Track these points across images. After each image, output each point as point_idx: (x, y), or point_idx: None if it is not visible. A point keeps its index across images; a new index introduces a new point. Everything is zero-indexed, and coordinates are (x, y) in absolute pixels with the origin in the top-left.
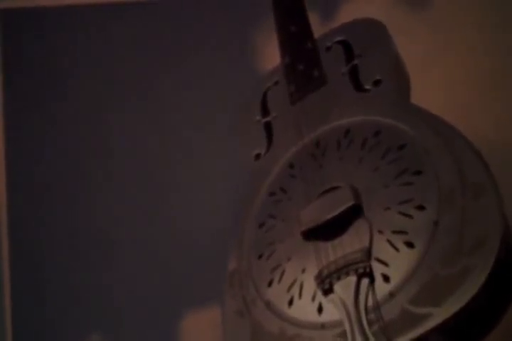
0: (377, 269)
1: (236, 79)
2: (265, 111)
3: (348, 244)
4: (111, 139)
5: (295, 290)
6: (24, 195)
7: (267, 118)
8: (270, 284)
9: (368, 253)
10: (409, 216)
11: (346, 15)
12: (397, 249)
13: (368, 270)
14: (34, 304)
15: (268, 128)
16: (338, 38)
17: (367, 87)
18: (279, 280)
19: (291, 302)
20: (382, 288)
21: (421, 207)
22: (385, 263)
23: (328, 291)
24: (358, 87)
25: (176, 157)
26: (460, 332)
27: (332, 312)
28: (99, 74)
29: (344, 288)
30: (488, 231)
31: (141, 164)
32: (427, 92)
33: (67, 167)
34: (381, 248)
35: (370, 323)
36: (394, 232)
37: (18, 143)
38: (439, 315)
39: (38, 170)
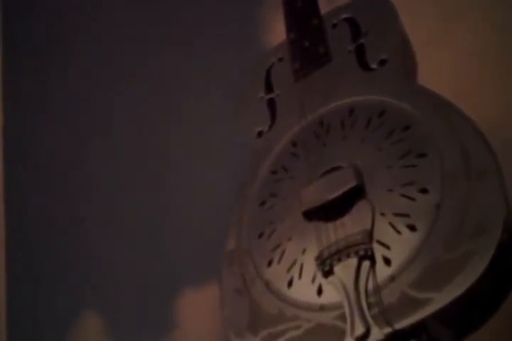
0: (379, 252)
1: (241, 54)
2: (269, 87)
3: (350, 226)
4: (111, 113)
5: (295, 271)
6: (22, 168)
7: (271, 95)
8: (270, 264)
9: (370, 235)
10: (412, 198)
11: None
12: (398, 232)
13: (369, 252)
14: (29, 279)
15: (271, 105)
16: (345, 15)
17: (373, 66)
18: (279, 261)
19: (290, 283)
20: (382, 271)
21: (424, 190)
22: (387, 246)
23: (328, 273)
24: (364, 65)
25: (176, 133)
26: (460, 318)
27: (332, 295)
28: (100, 46)
29: (344, 270)
30: (491, 215)
31: (140, 141)
32: (434, 73)
33: (67, 139)
34: (383, 230)
35: (369, 306)
36: (396, 215)
37: (16, 116)
38: (439, 300)
39: (37, 143)
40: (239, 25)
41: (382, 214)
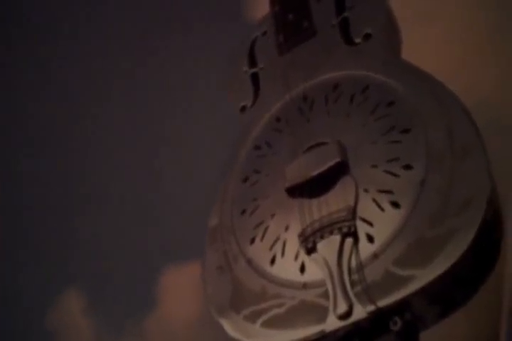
0: (362, 229)
1: (225, 28)
2: (252, 61)
3: (333, 202)
4: (101, 94)
5: (278, 248)
6: (11, 139)
7: (254, 70)
8: (253, 241)
9: (353, 212)
10: (396, 175)
11: None
12: (382, 209)
13: (352, 229)
14: (12, 256)
15: (255, 79)
16: None
17: (357, 40)
18: (262, 238)
19: (273, 261)
20: (366, 249)
21: (408, 167)
22: (370, 223)
23: (311, 250)
24: (348, 40)
25: (163, 109)
26: (444, 295)
27: (315, 272)
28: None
29: (328, 247)
30: (475, 192)
31: (130, 119)
32: (422, 48)
33: (60, 111)
34: (366, 207)
35: (352, 284)
36: (380, 191)
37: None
38: (422, 277)
39: (29, 114)
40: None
41: (366, 191)
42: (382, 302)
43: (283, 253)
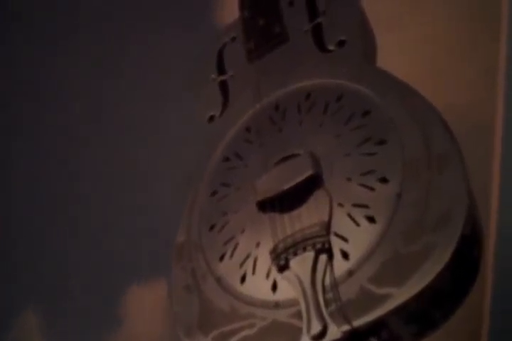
0: (336, 245)
1: (192, 35)
2: (221, 69)
3: (306, 217)
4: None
5: (248, 265)
6: None
7: (223, 77)
8: (222, 258)
9: (327, 227)
10: (371, 188)
11: None
12: (357, 224)
13: (326, 245)
14: None
15: (224, 87)
16: None
17: (330, 47)
18: (232, 255)
19: (243, 279)
20: (340, 266)
21: (383, 180)
22: (345, 239)
23: (283, 267)
24: (321, 47)
25: (129, 119)
26: (421, 314)
27: (287, 290)
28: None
29: (301, 264)
30: (453, 206)
31: (94, 128)
32: (394, 54)
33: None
34: (341, 222)
35: (327, 303)
36: (355, 206)
37: None
38: (399, 295)
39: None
40: (191, 3)
41: (340, 205)
42: (358, 322)
43: (254, 271)
